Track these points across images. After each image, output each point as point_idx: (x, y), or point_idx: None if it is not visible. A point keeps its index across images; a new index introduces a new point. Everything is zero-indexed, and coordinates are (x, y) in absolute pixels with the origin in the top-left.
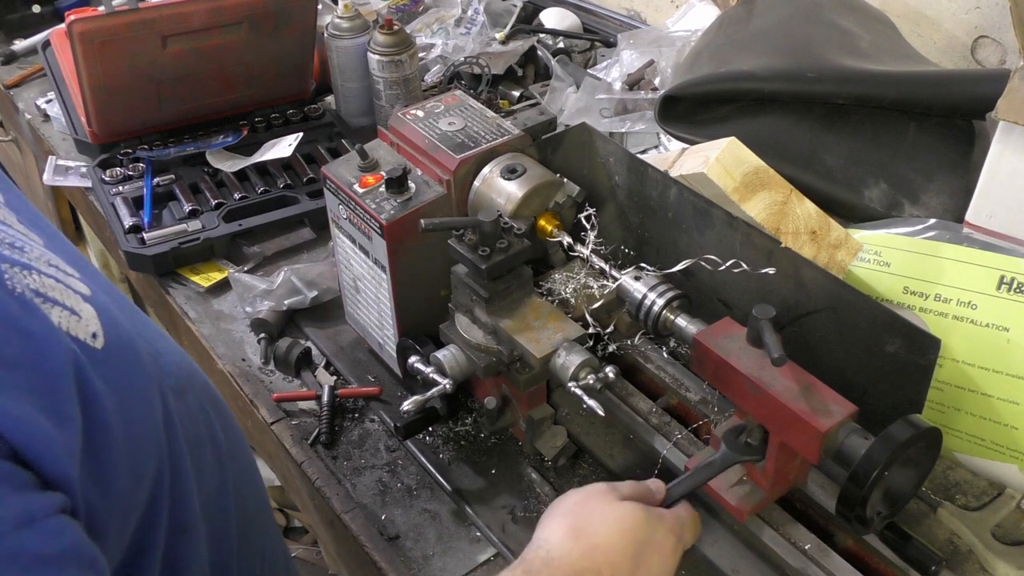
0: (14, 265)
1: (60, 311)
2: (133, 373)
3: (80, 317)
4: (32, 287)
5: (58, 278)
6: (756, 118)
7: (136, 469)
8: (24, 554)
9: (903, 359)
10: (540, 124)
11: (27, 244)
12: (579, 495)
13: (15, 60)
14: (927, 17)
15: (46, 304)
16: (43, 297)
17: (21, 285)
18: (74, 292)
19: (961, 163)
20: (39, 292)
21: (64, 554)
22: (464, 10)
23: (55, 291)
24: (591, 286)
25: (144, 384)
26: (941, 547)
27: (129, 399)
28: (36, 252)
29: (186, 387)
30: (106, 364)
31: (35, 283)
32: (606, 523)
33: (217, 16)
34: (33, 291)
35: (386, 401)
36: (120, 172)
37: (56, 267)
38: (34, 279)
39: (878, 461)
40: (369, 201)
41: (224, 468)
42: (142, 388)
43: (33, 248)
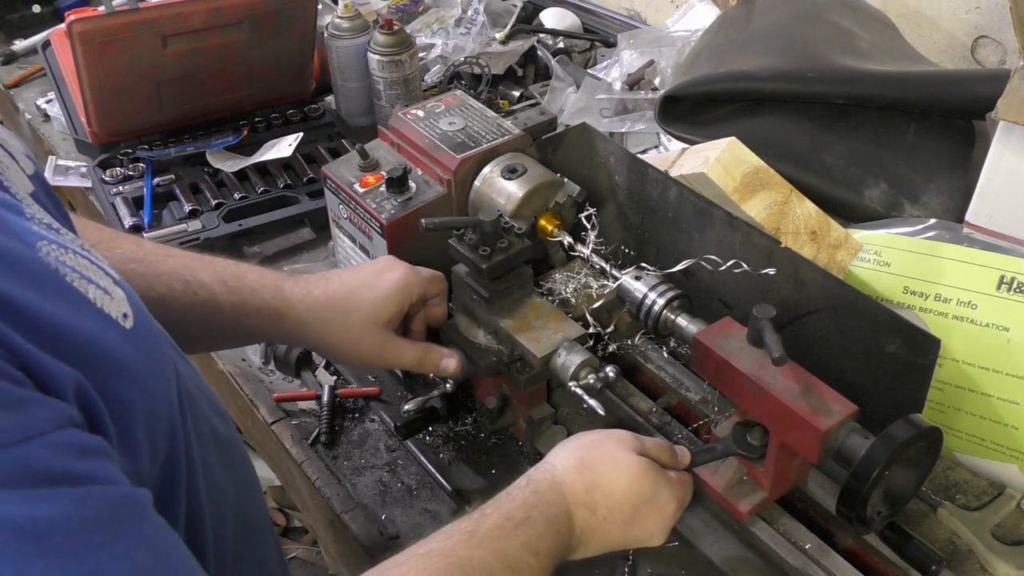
0: (51, 243)
1: (95, 288)
2: (159, 357)
3: (112, 297)
4: (68, 264)
5: (91, 259)
6: (756, 118)
7: (153, 452)
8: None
9: (903, 359)
10: (540, 124)
11: (62, 228)
12: (599, 435)
13: (15, 60)
14: (927, 17)
15: (81, 280)
16: (79, 274)
17: (57, 261)
18: (106, 274)
19: (961, 163)
20: (75, 269)
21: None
22: (464, 10)
23: (89, 270)
24: (591, 286)
25: (166, 369)
26: (941, 547)
27: (153, 381)
28: (70, 236)
29: (196, 387)
30: (135, 345)
31: (71, 260)
32: (615, 468)
33: (217, 16)
34: (69, 267)
35: (386, 401)
36: (120, 172)
37: (88, 251)
38: (70, 257)
39: (878, 461)
40: (369, 201)
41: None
42: (165, 373)
43: (67, 233)
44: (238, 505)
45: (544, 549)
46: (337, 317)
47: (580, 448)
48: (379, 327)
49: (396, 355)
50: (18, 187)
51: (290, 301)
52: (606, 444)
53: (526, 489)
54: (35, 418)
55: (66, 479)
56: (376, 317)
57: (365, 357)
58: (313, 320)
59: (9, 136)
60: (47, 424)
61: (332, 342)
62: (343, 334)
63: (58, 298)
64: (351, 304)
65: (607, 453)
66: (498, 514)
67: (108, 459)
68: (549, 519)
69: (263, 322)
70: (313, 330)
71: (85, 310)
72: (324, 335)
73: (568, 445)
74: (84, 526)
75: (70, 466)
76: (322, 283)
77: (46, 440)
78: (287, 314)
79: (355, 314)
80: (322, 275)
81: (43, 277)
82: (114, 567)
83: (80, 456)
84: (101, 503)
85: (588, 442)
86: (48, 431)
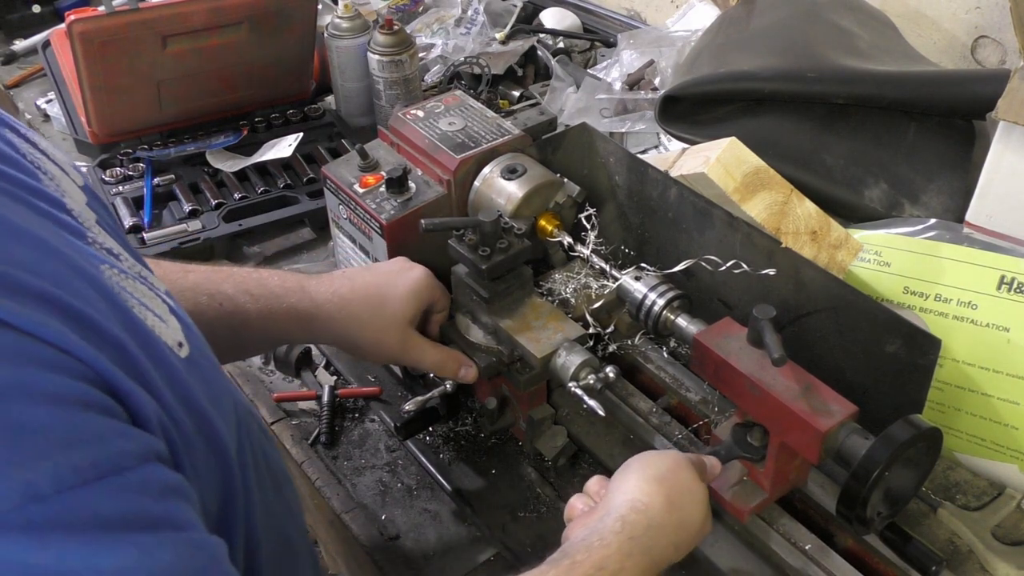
0: (112, 267)
1: (152, 316)
2: (215, 385)
3: (167, 325)
4: (128, 290)
5: (149, 286)
6: (756, 118)
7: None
8: (150, 484)
9: (903, 359)
10: (540, 124)
11: (122, 254)
12: (667, 461)
13: (15, 60)
14: (927, 17)
15: (140, 307)
16: (137, 300)
17: (119, 287)
18: (162, 301)
19: (961, 163)
20: (133, 295)
21: (177, 487)
22: (464, 10)
23: (146, 297)
24: (591, 286)
25: (223, 397)
26: (941, 547)
27: (212, 410)
28: (129, 262)
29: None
30: (190, 374)
31: (130, 287)
32: (694, 503)
33: (217, 16)
34: (129, 293)
35: (386, 401)
36: (120, 172)
37: (145, 278)
38: (129, 283)
39: (878, 461)
40: (369, 201)
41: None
42: (223, 401)
43: (127, 258)
44: (282, 526)
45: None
46: (365, 312)
47: (662, 481)
48: (405, 323)
49: (419, 354)
50: (75, 203)
51: (317, 301)
52: (681, 474)
53: (621, 534)
54: (117, 452)
55: (140, 523)
56: (403, 313)
57: (389, 353)
58: (342, 317)
59: (55, 149)
60: (129, 459)
61: (360, 338)
62: (370, 330)
63: (124, 325)
64: (377, 300)
65: (686, 486)
66: (590, 563)
67: (186, 500)
68: (642, 569)
69: (291, 325)
70: (342, 327)
71: (148, 339)
72: (353, 331)
73: (648, 477)
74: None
75: (146, 507)
76: (347, 281)
77: (125, 478)
78: (315, 314)
79: (384, 309)
80: (343, 274)
81: (111, 301)
82: None
83: (159, 495)
84: (172, 553)
85: (666, 472)
86: (130, 467)
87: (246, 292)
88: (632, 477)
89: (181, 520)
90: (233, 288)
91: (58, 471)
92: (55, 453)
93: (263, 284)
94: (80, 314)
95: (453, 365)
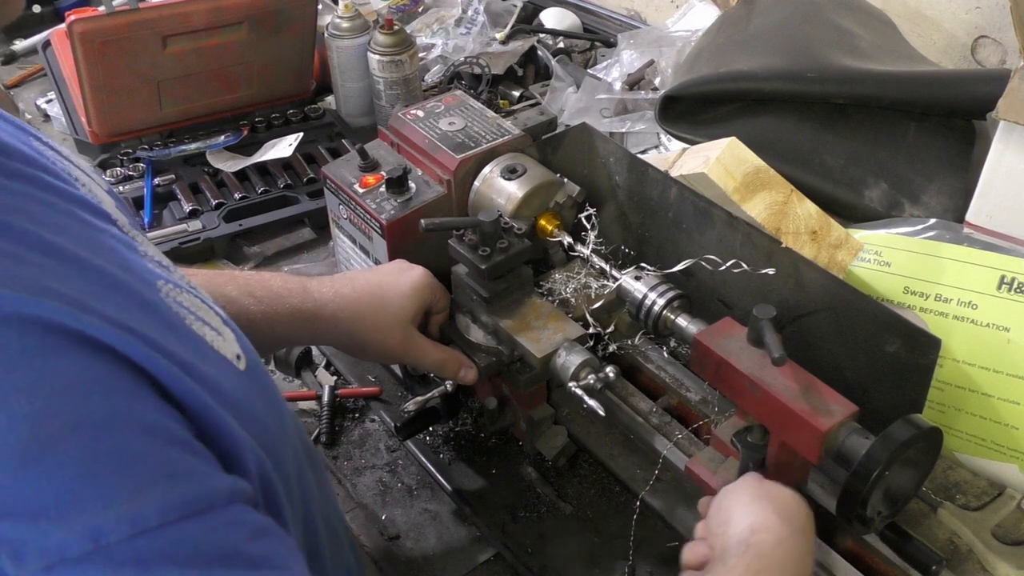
0: (167, 282)
1: (208, 329)
2: (272, 394)
3: (224, 338)
4: (185, 304)
5: (201, 298)
6: (756, 118)
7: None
8: (244, 524)
9: (903, 359)
10: (540, 124)
11: (169, 264)
12: (751, 484)
13: (15, 60)
14: (927, 17)
15: (198, 323)
16: (194, 315)
17: (175, 303)
18: (216, 313)
19: (961, 163)
20: (190, 310)
21: (270, 529)
22: (464, 10)
23: (201, 310)
24: (591, 286)
25: (281, 404)
26: (941, 547)
27: (274, 422)
28: (178, 274)
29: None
30: (250, 386)
31: (186, 301)
32: (800, 507)
33: (217, 16)
34: (186, 308)
35: (386, 401)
36: (120, 172)
37: (195, 288)
38: (184, 297)
39: (878, 461)
40: (369, 201)
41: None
42: (280, 408)
43: (176, 270)
44: (327, 514)
45: None
46: (368, 311)
47: (760, 499)
48: (407, 322)
49: (421, 353)
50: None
51: (320, 301)
52: (768, 488)
53: (745, 556)
54: (209, 489)
55: (239, 560)
56: (405, 311)
57: (392, 352)
58: (345, 317)
59: (76, 156)
60: (220, 498)
61: (363, 337)
62: (373, 329)
63: (192, 348)
64: (380, 299)
65: (780, 497)
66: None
67: (281, 539)
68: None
69: (295, 326)
70: (346, 327)
71: (209, 356)
72: (356, 331)
73: (744, 503)
74: None
75: (242, 546)
76: (348, 282)
77: (219, 516)
78: (319, 314)
79: (386, 308)
80: (344, 275)
81: (172, 321)
82: None
83: (252, 535)
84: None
85: (756, 491)
86: (222, 506)
87: (249, 294)
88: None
89: (280, 561)
90: (236, 291)
91: (164, 503)
92: (160, 485)
93: (266, 286)
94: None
95: (454, 366)
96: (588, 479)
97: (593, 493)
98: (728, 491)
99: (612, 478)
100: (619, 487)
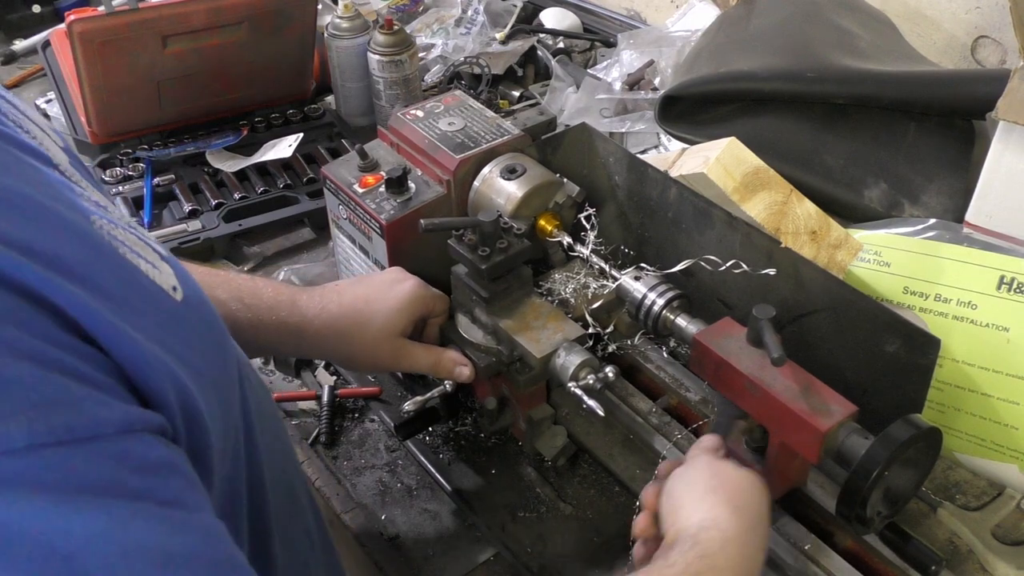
0: (102, 218)
1: (144, 263)
2: (214, 327)
3: (160, 271)
4: (119, 238)
5: (138, 235)
6: (756, 118)
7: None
8: (131, 456)
9: (903, 359)
10: (540, 124)
11: (109, 205)
12: (703, 467)
13: (15, 60)
14: (927, 17)
15: (131, 255)
16: (128, 248)
17: (109, 235)
18: (153, 249)
19: (961, 163)
20: (124, 243)
21: (169, 463)
22: (464, 10)
23: (137, 246)
24: (591, 286)
25: (223, 339)
26: (941, 547)
27: (212, 352)
28: (117, 213)
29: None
30: (186, 317)
31: (120, 235)
32: (754, 494)
33: (217, 16)
34: (120, 241)
35: (386, 401)
36: (120, 172)
37: (135, 228)
38: (120, 232)
39: (878, 461)
40: (369, 201)
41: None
42: (222, 343)
43: (115, 209)
44: (286, 473)
45: None
46: (353, 329)
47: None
48: (394, 336)
49: (412, 361)
50: (59, 160)
51: (307, 317)
52: (723, 472)
53: (689, 553)
54: (95, 419)
55: (114, 491)
56: (391, 327)
57: (382, 364)
58: (330, 334)
59: (33, 111)
60: (108, 428)
61: (349, 353)
62: (359, 345)
63: (118, 272)
64: (366, 316)
65: (736, 483)
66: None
67: (182, 478)
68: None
69: (280, 338)
70: (331, 344)
71: (141, 282)
72: (341, 348)
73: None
74: (124, 554)
75: (123, 478)
76: (336, 296)
77: (101, 446)
78: (304, 329)
79: (371, 325)
80: (334, 288)
81: (102, 249)
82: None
83: (141, 469)
84: (150, 527)
85: (710, 479)
86: (107, 436)
87: (239, 299)
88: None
89: (168, 496)
90: (227, 294)
91: (33, 427)
92: (31, 409)
93: (256, 294)
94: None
95: (448, 365)
96: (588, 479)
97: (593, 493)
98: (682, 476)
99: (612, 478)
100: (619, 487)
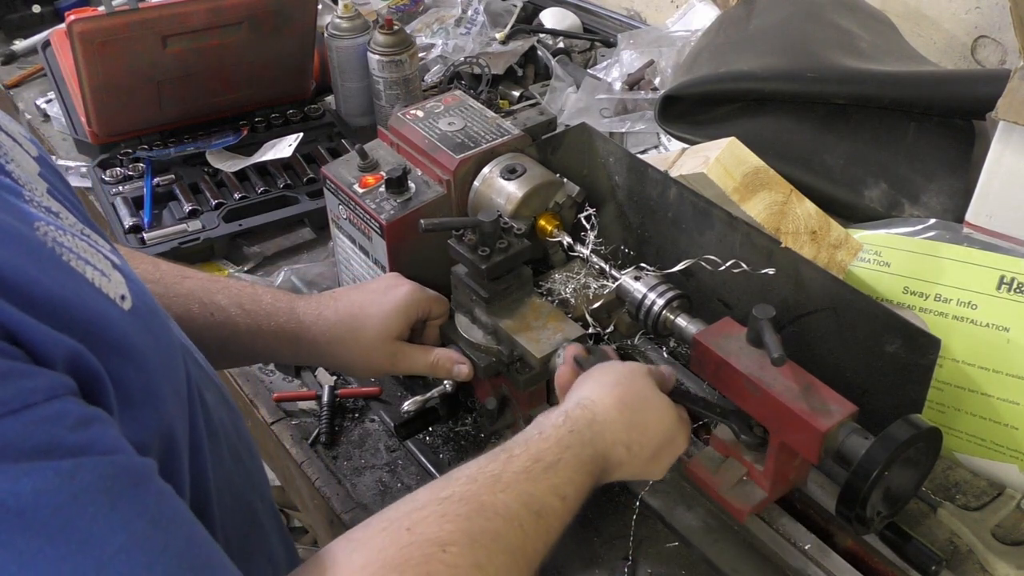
0: (49, 224)
1: (92, 269)
2: (162, 339)
3: (110, 279)
4: (66, 245)
5: (90, 243)
6: (756, 118)
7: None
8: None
9: (903, 359)
10: (540, 124)
11: (63, 212)
12: (623, 369)
13: (15, 60)
14: (927, 17)
15: (79, 261)
16: (75, 255)
17: (54, 241)
18: (104, 257)
19: (961, 163)
20: (72, 250)
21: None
22: (464, 10)
23: (87, 253)
24: (591, 286)
25: (171, 352)
26: (941, 547)
27: (155, 361)
28: (70, 220)
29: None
30: (133, 324)
31: (68, 242)
32: (650, 408)
33: (217, 16)
34: (66, 248)
35: (386, 401)
36: (120, 172)
37: (88, 236)
38: (68, 239)
39: (878, 461)
40: (369, 201)
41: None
42: (170, 355)
43: (68, 217)
44: (245, 496)
45: (572, 493)
46: (348, 335)
47: (616, 385)
48: (390, 341)
49: (409, 363)
50: (24, 170)
51: (304, 323)
52: (638, 381)
53: (561, 428)
54: (21, 390)
55: (54, 452)
56: (387, 332)
57: (380, 369)
58: (326, 341)
59: (9, 120)
60: (35, 396)
61: (346, 359)
62: (355, 351)
63: (56, 273)
64: (361, 322)
65: (641, 391)
66: (527, 456)
67: (108, 427)
68: (581, 461)
69: (278, 344)
70: (327, 350)
71: (84, 288)
72: (338, 354)
73: (601, 381)
74: (74, 498)
75: (60, 438)
76: (331, 303)
77: (33, 412)
78: (302, 336)
79: (366, 331)
80: (332, 295)
81: (39, 253)
82: (109, 539)
83: (74, 427)
84: (94, 474)
85: (620, 378)
86: (36, 403)
87: (238, 305)
88: (588, 382)
89: (105, 445)
90: (226, 300)
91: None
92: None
93: (256, 300)
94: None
95: (446, 364)
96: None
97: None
98: (599, 367)
99: None
100: (619, 487)
